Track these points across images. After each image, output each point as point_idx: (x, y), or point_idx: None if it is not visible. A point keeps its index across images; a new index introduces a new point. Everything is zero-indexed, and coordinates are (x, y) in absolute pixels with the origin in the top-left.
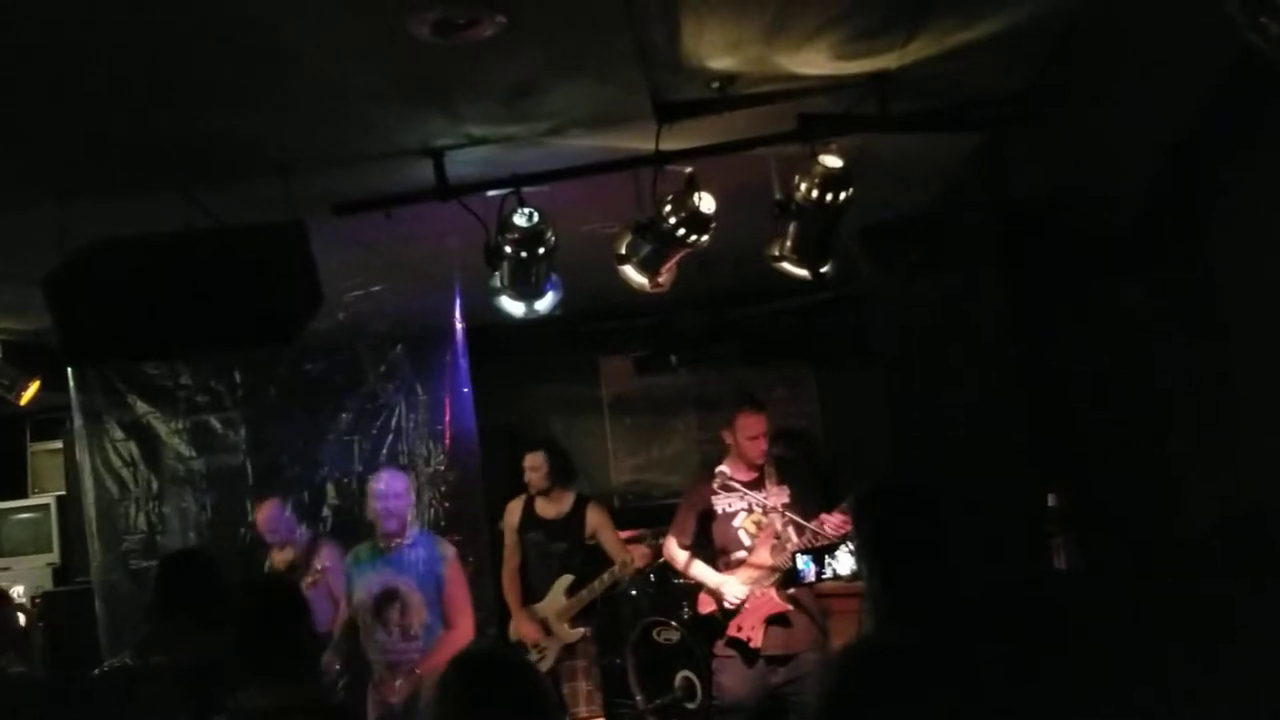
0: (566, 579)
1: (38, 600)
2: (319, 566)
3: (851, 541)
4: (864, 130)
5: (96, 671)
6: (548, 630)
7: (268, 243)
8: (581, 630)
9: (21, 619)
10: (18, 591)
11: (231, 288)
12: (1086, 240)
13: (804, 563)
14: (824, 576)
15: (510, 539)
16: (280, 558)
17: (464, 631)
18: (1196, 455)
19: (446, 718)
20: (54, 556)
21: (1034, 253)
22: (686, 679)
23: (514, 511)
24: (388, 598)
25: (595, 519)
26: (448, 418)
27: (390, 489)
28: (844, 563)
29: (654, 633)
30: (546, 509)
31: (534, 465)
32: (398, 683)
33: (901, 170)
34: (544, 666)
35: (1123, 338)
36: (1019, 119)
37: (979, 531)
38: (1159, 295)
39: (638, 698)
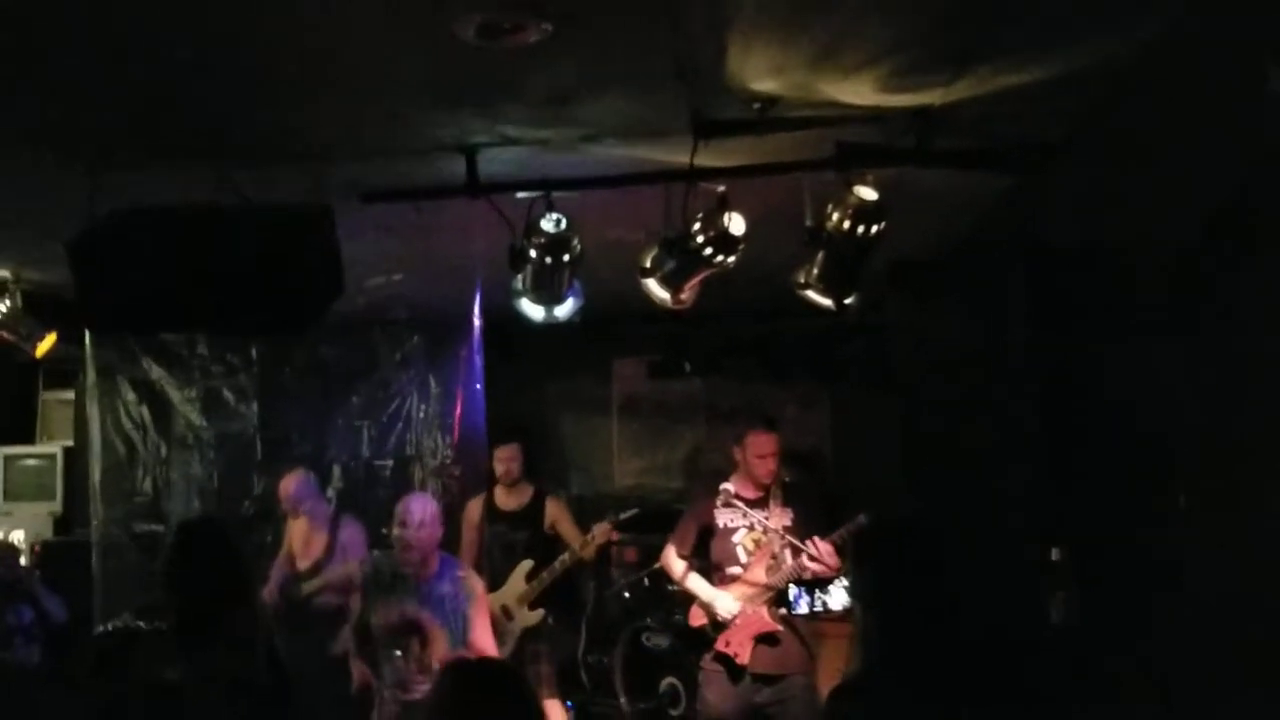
0: (526, 564)
1: (37, 548)
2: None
3: (846, 577)
4: (902, 164)
5: (100, 630)
6: (508, 615)
7: (294, 225)
8: (540, 612)
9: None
10: (17, 537)
11: (254, 267)
12: (1113, 292)
13: (796, 593)
14: (815, 610)
15: (469, 535)
16: (298, 527)
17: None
18: (1204, 530)
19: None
20: (56, 506)
21: (1060, 299)
22: (672, 685)
23: (474, 509)
24: (409, 629)
25: (554, 510)
26: (459, 412)
27: (418, 517)
28: (836, 597)
29: (643, 637)
30: (507, 501)
31: (510, 457)
32: (400, 707)
33: (933, 205)
34: (505, 651)
35: (1140, 397)
36: (1058, 166)
37: (978, 576)
38: (1179, 357)
39: (622, 699)
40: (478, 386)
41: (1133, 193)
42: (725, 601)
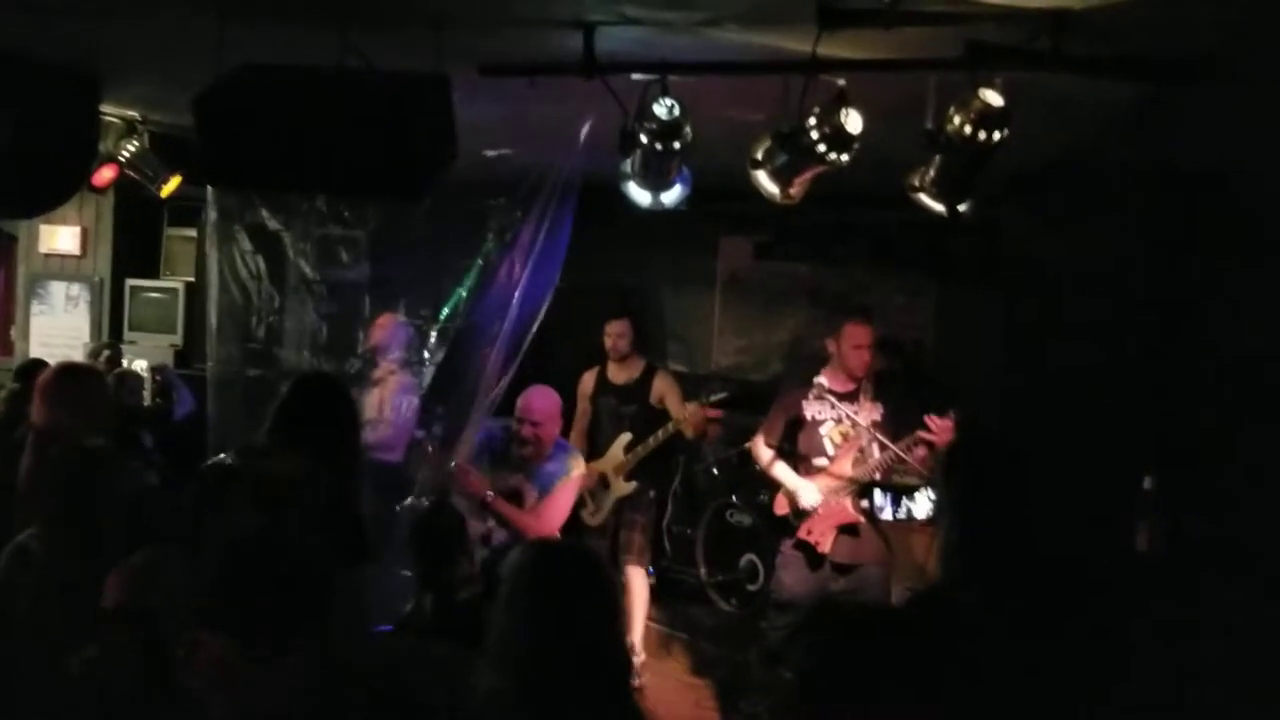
0: (626, 436)
1: (157, 377)
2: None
3: (934, 488)
4: (1034, 68)
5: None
6: (605, 484)
7: (412, 92)
8: (634, 484)
9: (146, 394)
10: (141, 366)
11: (373, 132)
12: (1237, 221)
13: (882, 500)
14: (899, 518)
15: (582, 405)
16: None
17: (547, 521)
18: None
19: (518, 601)
20: (177, 339)
21: (1182, 222)
22: (751, 561)
23: (588, 381)
24: (511, 496)
25: (662, 385)
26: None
27: (539, 414)
28: (921, 506)
29: (727, 514)
30: (618, 375)
31: (620, 333)
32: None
33: (1059, 114)
34: (599, 518)
35: (1254, 331)
36: (1199, 77)
37: (1067, 497)
38: None
39: (701, 570)
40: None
41: (1271, 119)
42: (809, 492)
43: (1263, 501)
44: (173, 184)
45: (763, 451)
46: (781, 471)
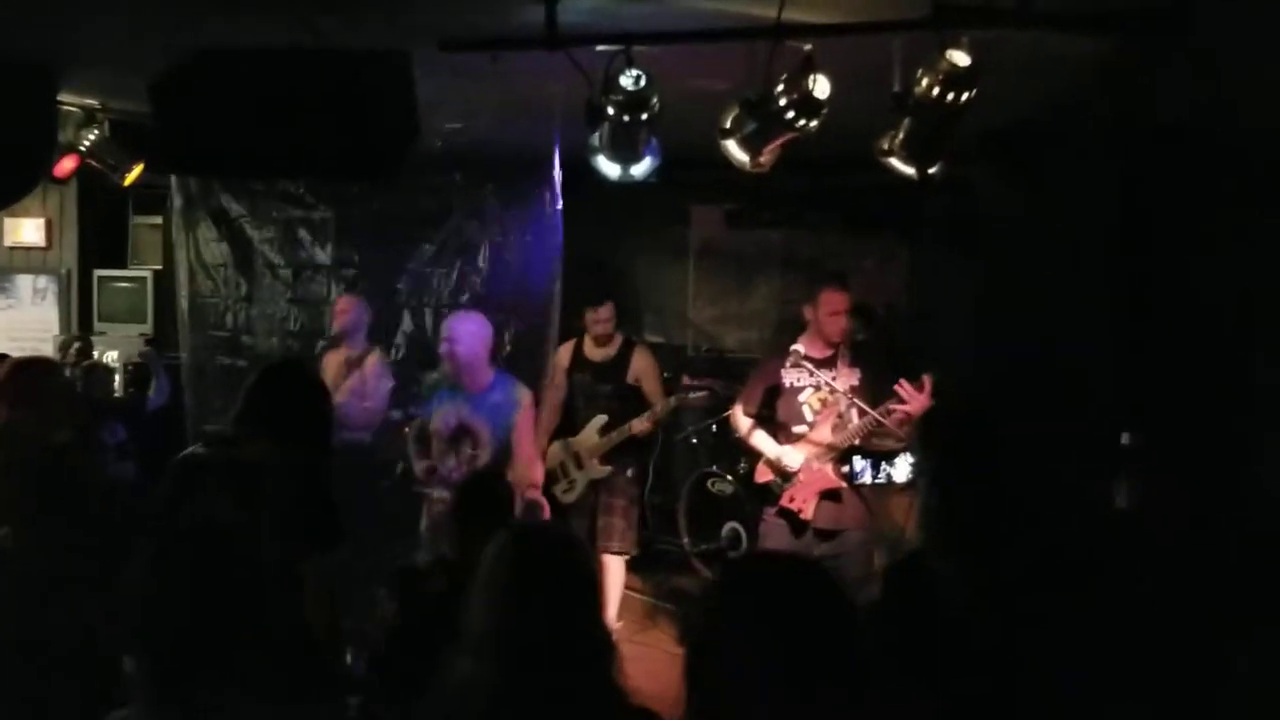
0: (601, 418)
1: (130, 368)
2: (364, 365)
3: (913, 453)
4: (1001, 26)
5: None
6: (579, 464)
7: (371, 70)
8: (609, 468)
9: (118, 384)
10: (111, 357)
11: (332, 112)
12: (1213, 176)
13: (861, 465)
14: (879, 481)
15: (557, 378)
16: (335, 357)
17: (525, 466)
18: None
19: (497, 584)
20: (148, 328)
21: (1156, 177)
22: (734, 530)
23: (564, 353)
24: (464, 433)
25: (641, 364)
26: (531, 265)
27: (457, 332)
28: (900, 469)
29: (709, 483)
30: (595, 352)
31: (606, 318)
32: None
33: (1028, 72)
34: (572, 496)
35: (1229, 286)
36: (1169, 30)
37: (1045, 455)
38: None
39: (685, 540)
40: (556, 239)
41: (1244, 72)
42: (791, 456)
43: (1240, 457)
44: (135, 172)
45: (742, 420)
46: (761, 440)
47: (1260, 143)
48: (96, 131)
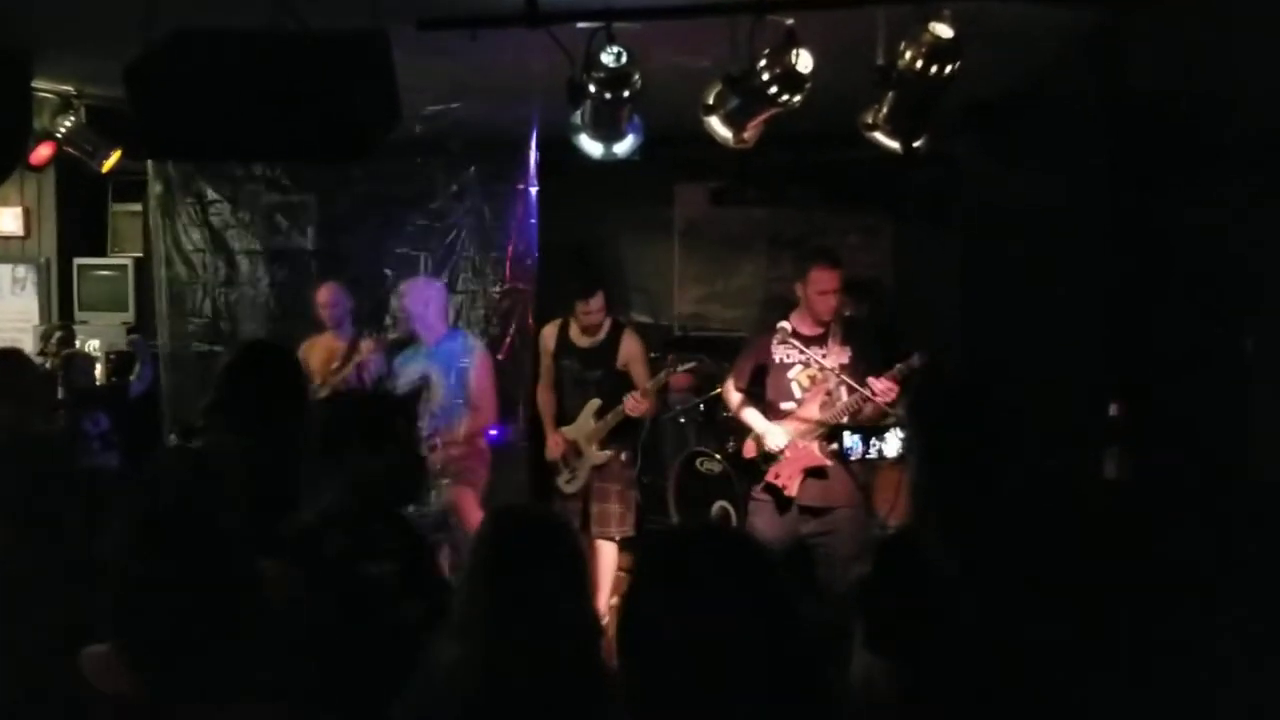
0: (595, 403)
1: (112, 356)
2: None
3: (902, 429)
4: None
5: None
6: (578, 452)
7: (350, 51)
8: (609, 452)
9: (99, 371)
10: (93, 346)
11: (310, 93)
12: (1200, 145)
13: (852, 440)
14: (869, 456)
15: (546, 362)
16: (320, 343)
17: (485, 414)
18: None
19: (483, 568)
20: (129, 316)
21: (1143, 150)
22: (723, 508)
23: (549, 337)
24: (423, 383)
25: (629, 348)
26: (511, 247)
27: (410, 293)
28: (891, 445)
29: (697, 462)
30: (582, 338)
31: (597, 308)
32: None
33: (1013, 44)
34: (575, 486)
35: (1221, 254)
36: (1152, 5)
37: (1032, 427)
38: (1266, 221)
39: (674, 518)
40: (532, 221)
41: (1232, 43)
42: (776, 435)
43: (1230, 427)
44: (114, 159)
45: (733, 396)
46: (750, 415)
47: (1240, 113)
48: (73, 118)
